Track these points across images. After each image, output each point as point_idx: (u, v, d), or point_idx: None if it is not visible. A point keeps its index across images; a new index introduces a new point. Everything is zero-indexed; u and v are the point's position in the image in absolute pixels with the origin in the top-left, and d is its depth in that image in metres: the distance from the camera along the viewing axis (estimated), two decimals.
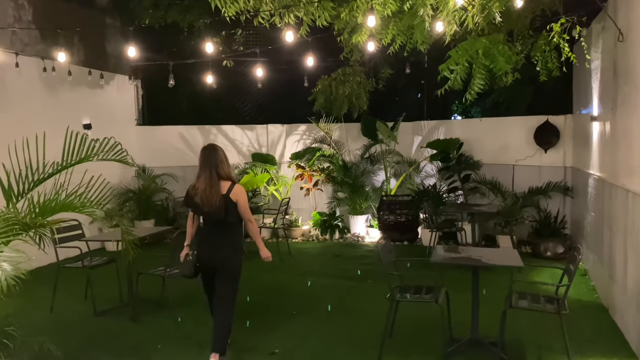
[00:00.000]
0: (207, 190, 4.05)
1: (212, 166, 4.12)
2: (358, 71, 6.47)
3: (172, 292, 5.50)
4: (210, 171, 4.10)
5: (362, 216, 9.65)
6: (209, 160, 4.16)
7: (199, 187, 4.09)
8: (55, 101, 8.10)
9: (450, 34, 4.29)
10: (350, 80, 6.46)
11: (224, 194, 4.09)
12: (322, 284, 6.53)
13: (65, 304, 5.69)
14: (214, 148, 4.26)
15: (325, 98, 6.97)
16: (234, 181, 4.22)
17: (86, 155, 3.44)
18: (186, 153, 10.33)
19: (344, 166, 9.62)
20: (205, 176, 4.09)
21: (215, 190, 4.06)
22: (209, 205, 4.06)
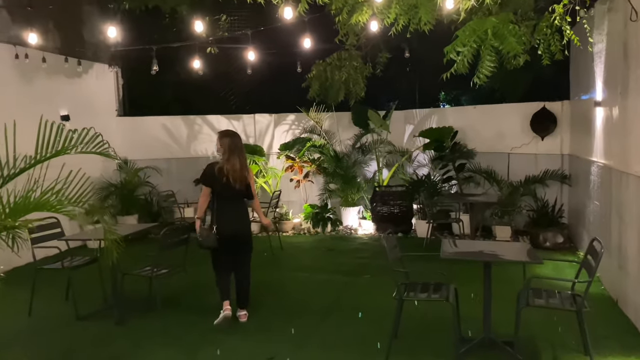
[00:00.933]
0: (241, 171, 4.68)
1: (241, 150, 4.78)
2: (354, 55, 6.14)
3: (160, 293, 5.15)
4: (240, 154, 4.73)
5: (355, 208, 9.37)
6: (238, 144, 4.79)
7: (231, 168, 4.65)
8: (29, 91, 7.63)
9: (466, 9, 3.99)
10: (347, 65, 6.12)
11: (244, 173, 4.74)
12: (317, 280, 6.24)
13: (45, 307, 5.31)
14: (238, 135, 4.92)
15: (321, 84, 6.62)
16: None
17: (63, 148, 3.07)
18: (170, 145, 9.93)
19: (335, 157, 9.32)
20: (240, 158, 4.72)
21: (247, 171, 4.77)
22: (240, 183, 4.69)
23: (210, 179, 4.74)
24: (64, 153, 3.07)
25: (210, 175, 4.73)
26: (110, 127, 9.68)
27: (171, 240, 4.83)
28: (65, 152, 3.04)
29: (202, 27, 7.81)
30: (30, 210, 2.92)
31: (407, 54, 6.45)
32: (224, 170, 4.66)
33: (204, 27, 7.95)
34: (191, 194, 9.57)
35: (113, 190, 9.22)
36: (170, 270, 5.00)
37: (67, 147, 3.08)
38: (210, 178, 4.74)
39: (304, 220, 9.17)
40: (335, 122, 9.67)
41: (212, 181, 4.73)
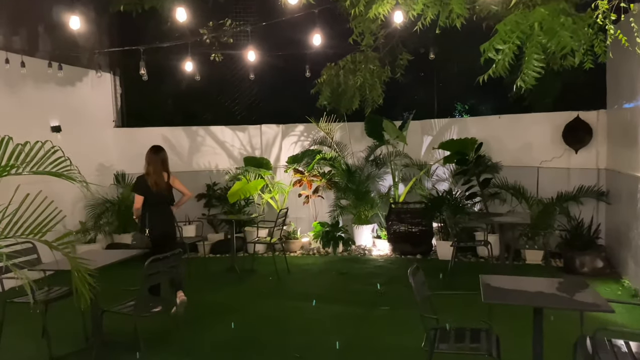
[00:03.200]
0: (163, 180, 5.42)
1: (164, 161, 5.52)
2: (371, 57, 5.44)
3: (145, 330, 4.46)
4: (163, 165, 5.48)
5: (368, 226, 8.65)
6: (160, 157, 5.50)
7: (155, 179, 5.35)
8: (16, 100, 7.02)
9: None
10: (362, 69, 5.42)
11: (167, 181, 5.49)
12: (328, 312, 5.49)
13: (15, 345, 4.64)
14: (159, 149, 5.58)
15: (332, 90, 5.91)
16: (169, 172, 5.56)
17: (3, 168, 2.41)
18: (171, 158, 9.13)
19: (347, 170, 8.61)
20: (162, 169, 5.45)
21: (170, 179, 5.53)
22: (166, 191, 5.45)
23: (143, 189, 5.33)
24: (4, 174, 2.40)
25: (144, 186, 5.34)
26: (106, 138, 9.08)
27: (157, 271, 4.14)
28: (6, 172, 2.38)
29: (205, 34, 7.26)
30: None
31: (431, 55, 5.73)
32: (150, 181, 5.33)
33: (207, 33, 7.37)
34: (192, 211, 8.90)
35: (109, 207, 8.59)
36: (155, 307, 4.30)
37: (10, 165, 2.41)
38: (143, 188, 5.34)
39: (313, 240, 8.46)
40: (347, 133, 8.98)
41: (144, 191, 5.33)
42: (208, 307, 5.71)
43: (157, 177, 5.35)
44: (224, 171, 9.26)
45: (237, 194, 8.23)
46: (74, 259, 2.84)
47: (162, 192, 5.37)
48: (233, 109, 9.54)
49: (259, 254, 8.26)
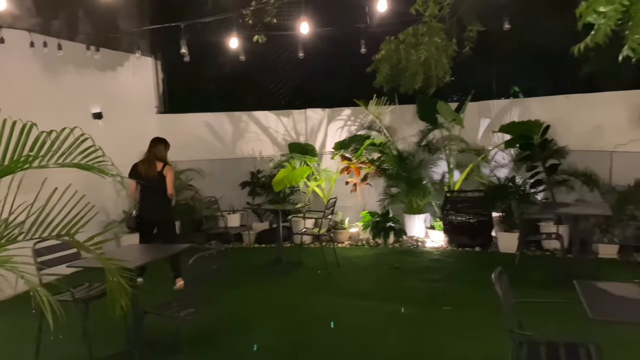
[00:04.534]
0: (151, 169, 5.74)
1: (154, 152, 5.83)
2: (436, 29, 4.86)
3: (187, 331, 4.15)
4: (153, 156, 5.81)
5: (420, 216, 8.11)
6: (152, 148, 5.87)
7: (143, 167, 5.76)
8: (57, 86, 6.82)
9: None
10: (426, 43, 4.85)
11: (160, 170, 5.76)
12: (382, 311, 5.03)
13: (56, 344, 4.41)
14: (156, 140, 5.96)
15: (391, 68, 5.38)
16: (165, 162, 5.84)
17: (25, 159, 2.05)
18: (213, 144, 8.99)
19: (398, 156, 8.08)
20: (152, 158, 5.80)
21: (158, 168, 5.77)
22: (155, 177, 5.70)
23: (133, 174, 5.74)
24: (25, 167, 2.05)
25: (134, 172, 5.76)
26: (149, 125, 8.84)
27: (200, 271, 3.78)
28: (27, 164, 2.02)
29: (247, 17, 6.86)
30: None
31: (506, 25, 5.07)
32: (140, 168, 5.75)
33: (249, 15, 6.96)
34: (236, 200, 8.62)
35: None
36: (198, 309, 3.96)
37: (32, 157, 2.05)
38: (132, 174, 5.75)
39: (362, 230, 8.00)
40: (398, 117, 8.42)
41: (134, 176, 5.70)
42: (254, 304, 5.37)
43: (146, 165, 5.75)
44: (268, 158, 8.90)
45: (282, 182, 7.85)
46: (108, 262, 2.48)
47: (151, 180, 5.66)
48: (277, 93, 9.12)
49: (306, 244, 7.88)
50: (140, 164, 5.79)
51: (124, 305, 2.72)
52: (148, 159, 5.79)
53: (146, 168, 5.73)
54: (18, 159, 2.01)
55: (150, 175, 5.68)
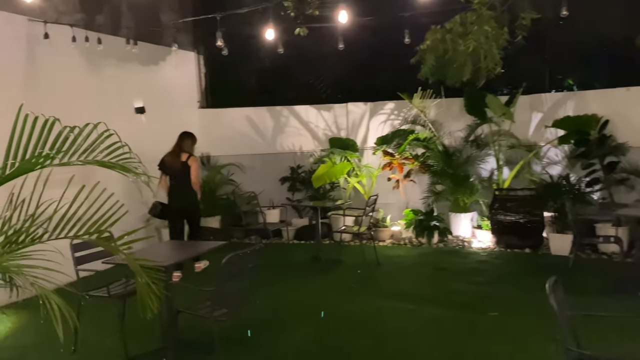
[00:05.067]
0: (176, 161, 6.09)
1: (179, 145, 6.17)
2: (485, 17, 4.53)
3: (223, 331, 4.04)
4: (178, 149, 6.15)
5: (467, 214, 7.77)
6: (179, 142, 6.20)
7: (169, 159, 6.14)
8: (100, 80, 6.88)
9: None
10: (475, 32, 4.53)
11: (185, 161, 6.08)
12: (425, 315, 4.79)
13: (93, 340, 4.40)
14: (182, 134, 6.26)
15: (437, 59, 5.08)
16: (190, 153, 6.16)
17: (45, 156, 1.96)
18: (254, 139, 8.92)
19: (444, 152, 7.75)
20: (176, 151, 6.15)
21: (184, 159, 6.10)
22: (180, 168, 6.05)
23: (161, 166, 6.18)
24: (45, 164, 1.94)
25: (161, 164, 6.18)
26: (191, 120, 8.86)
27: (235, 270, 3.66)
28: (44, 163, 1.91)
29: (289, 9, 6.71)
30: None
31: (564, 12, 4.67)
32: (166, 160, 6.15)
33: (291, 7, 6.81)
34: (276, 195, 8.52)
35: None
36: (233, 310, 3.84)
37: (52, 154, 1.94)
38: (160, 165, 6.18)
39: (404, 228, 7.73)
40: (444, 110, 8.08)
41: (161, 167, 6.17)
42: (290, 303, 5.23)
43: (172, 157, 6.11)
44: (308, 153, 8.75)
45: (322, 178, 7.69)
46: (136, 263, 2.37)
47: (176, 171, 6.06)
48: (318, 87, 8.94)
49: (346, 242, 7.69)
50: (168, 156, 6.16)
51: (153, 307, 2.61)
52: (174, 151, 6.14)
53: (172, 160, 6.10)
54: (38, 156, 1.91)
55: (176, 167, 6.06)
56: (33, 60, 5.86)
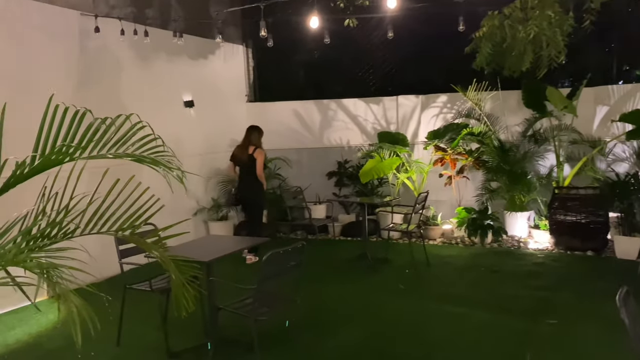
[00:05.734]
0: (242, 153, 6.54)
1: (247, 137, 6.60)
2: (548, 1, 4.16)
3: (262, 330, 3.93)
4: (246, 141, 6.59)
5: (524, 213, 7.35)
6: (247, 134, 6.64)
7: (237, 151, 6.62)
8: (150, 74, 6.93)
9: None
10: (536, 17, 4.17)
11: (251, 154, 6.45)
12: (477, 321, 4.51)
13: (136, 333, 4.41)
14: (250, 127, 6.70)
15: (494, 47, 4.73)
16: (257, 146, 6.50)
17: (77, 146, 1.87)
18: (301, 133, 8.79)
19: (500, 147, 7.35)
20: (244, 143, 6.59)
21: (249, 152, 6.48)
22: (247, 160, 6.46)
23: (231, 157, 6.68)
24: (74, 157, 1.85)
25: (232, 155, 6.68)
26: (239, 114, 8.85)
27: (276, 267, 3.52)
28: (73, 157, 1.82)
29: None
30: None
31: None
32: (235, 152, 6.64)
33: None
34: (322, 190, 8.37)
35: None
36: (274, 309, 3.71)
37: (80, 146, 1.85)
38: (231, 156, 6.69)
39: (456, 227, 7.40)
40: (501, 103, 7.66)
41: (232, 159, 6.67)
42: (335, 303, 5.07)
43: (240, 150, 6.56)
44: (356, 148, 8.54)
45: (370, 173, 7.47)
46: (171, 262, 2.26)
47: (243, 162, 6.50)
48: (367, 80, 8.70)
49: (393, 239, 7.44)
50: (237, 148, 6.61)
51: (188, 307, 2.51)
52: (243, 144, 6.57)
53: (240, 152, 6.53)
54: (67, 149, 1.83)
55: (243, 159, 6.49)
56: (84, 55, 5.94)
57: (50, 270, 1.78)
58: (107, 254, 4.46)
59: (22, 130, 2.97)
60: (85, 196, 2.19)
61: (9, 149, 2.08)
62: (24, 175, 1.81)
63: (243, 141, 6.60)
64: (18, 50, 5.24)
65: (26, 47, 5.31)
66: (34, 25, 5.39)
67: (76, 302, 1.53)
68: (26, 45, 5.32)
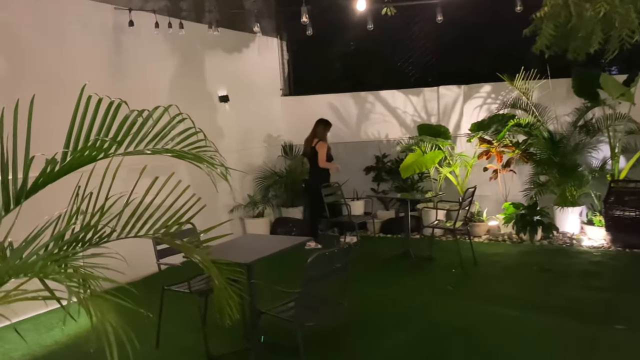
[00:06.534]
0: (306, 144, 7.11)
1: (314, 130, 7.01)
2: None
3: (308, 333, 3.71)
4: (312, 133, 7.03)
5: (575, 208, 6.93)
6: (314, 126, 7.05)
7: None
8: (185, 68, 6.80)
9: None
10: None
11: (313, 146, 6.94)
12: (535, 325, 4.18)
13: (175, 335, 4.26)
14: (320, 120, 7.09)
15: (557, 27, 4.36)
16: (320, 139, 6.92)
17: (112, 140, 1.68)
18: (337, 127, 8.52)
19: (550, 139, 6.94)
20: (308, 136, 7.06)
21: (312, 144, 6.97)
22: (308, 151, 7.04)
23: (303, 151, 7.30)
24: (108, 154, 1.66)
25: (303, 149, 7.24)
26: (274, 108, 8.68)
27: (322, 270, 3.29)
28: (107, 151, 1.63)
29: None
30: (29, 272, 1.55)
31: None
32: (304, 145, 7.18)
33: None
34: (361, 185, 8.12)
35: (277, 179, 8.19)
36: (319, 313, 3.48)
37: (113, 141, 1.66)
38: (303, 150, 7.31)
39: (503, 223, 7.03)
40: (550, 92, 7.23)
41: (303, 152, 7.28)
42: (380, 304, 4.82)
43: (306, 143, 7.04)
44: (394, 141, 8.24)
45: (411, 167, 7.16)
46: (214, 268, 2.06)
47: (307, 154, 7.07)
48: (406, 70, 8.37)
49: (436, 236, 7.13)
50: (305, 141, 7.09)
51: (232, 314, 2.32)
52: (309, 137, 7.00)
53: (305, 145, 7.05)
54: (101, 144, 1.64)
55: (307, 151, 7.04)
56: (119, 49, 5.84)
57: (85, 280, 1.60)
58: (144, 252, 4.31)
59: (58, 128, 2.82)
60: (122, 196, 2.01)
61: (43, 148, 1.92)
62: (54, 173, 1.63)
63: (310, 134, 6.98)
64: (52, 45, 5.16)
65: (60, 42, 5.24)
66: (68, 20, 5.30)
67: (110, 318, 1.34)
68: (60, 41, 5.24)
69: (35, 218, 1.96)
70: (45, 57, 5.07)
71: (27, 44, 4.95)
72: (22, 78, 4.80)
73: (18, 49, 4.87)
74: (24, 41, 4.93)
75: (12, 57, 4.80)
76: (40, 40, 5.05)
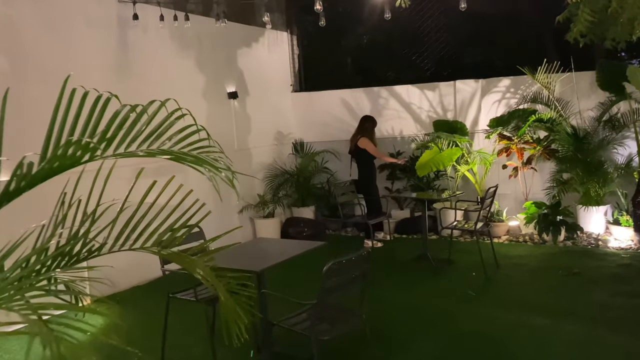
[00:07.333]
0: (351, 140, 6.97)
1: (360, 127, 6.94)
2: None
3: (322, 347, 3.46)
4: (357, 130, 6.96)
5: (600, 208, 6.61)
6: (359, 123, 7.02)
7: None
8: (190, 63, 6.56)
9: None
10: None
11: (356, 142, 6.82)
12: (566, 334, 3.90)
13: (181, 345, 4.03)
14: (364, 117, 7.04)
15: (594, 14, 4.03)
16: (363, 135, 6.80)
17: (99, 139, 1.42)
18: (350, 123, 8.23)
19: (573, 135, 6.61)
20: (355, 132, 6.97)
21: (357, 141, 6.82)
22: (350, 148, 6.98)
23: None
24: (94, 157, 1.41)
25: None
26: (284, 104, 8.42)
27: (339, 279, 3.03)
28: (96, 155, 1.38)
29: None
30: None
31: None
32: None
33: None
34: None
35: (288, 178, 7.94)
36: (335, 326, 3.22)
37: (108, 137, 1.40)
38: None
39: (524, 224, 6.72)
40: (573, 86, 6.90)
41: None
42: (400, 311, 4.55)
43: (351, 139, 6.95)
44: (409, 138, 7.95)
45: (428, 165, 6.88)
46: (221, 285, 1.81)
47: (351, 152, 6.94)
48: (421, 64, 8.07)
49: (454, 237, 6.82)
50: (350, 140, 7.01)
51: (241, 334, 2.07)
52: (354, 133, 6.92)
53: (350, 142, 6.94)
54: (86, 144, 1.39)
55: (352, 148, 6.90)
56: (123, 44, 5.61)
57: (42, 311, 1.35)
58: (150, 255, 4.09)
59: None
60: (114, 203, 1.76)
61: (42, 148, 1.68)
62: (32, 178, 1.39)
63: (355, 131, 6.95)
64: (54, 39, 4.94)
65: (63, 35, 5.02)
66: (71, 14, 5.08)
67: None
68: (63, 34, 5.02)
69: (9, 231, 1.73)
70: (47, 52, 4.85)
71: (29, 38, 4.73)
72: (22, 73, 4.59)
73: (20, 43, 4.66)
74: (25, 35, 4.71)
75: (13, 51, 4.59)
76: (43, 35, 4.84)
